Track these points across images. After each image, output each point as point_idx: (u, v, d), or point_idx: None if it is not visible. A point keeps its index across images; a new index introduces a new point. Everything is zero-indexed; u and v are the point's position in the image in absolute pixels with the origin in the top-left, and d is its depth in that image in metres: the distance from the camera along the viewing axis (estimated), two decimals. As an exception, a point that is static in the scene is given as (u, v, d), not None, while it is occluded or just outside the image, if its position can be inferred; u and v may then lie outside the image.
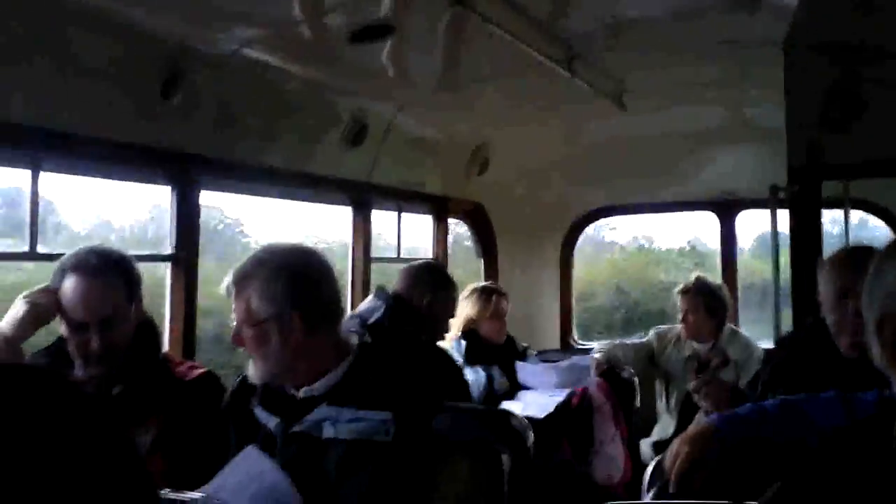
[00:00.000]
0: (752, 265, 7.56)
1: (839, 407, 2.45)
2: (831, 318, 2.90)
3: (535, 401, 4.75)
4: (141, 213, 5.18)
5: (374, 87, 4.46)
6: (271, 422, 2.47)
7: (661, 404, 5.45)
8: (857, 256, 2.99)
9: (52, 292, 2.76)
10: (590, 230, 7.20)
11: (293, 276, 2.43)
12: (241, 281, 2.44)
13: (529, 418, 4.14)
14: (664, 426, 5.30)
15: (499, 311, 5.21)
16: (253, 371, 2.47)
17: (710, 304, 5.26)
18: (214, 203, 5.86)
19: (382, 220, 5.45)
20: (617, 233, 9.09)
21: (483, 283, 5.49)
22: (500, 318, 5.21)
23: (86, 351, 2.73)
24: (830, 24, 3.94)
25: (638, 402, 5.54)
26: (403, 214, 5.60)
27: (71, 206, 4.58)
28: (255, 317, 2.41)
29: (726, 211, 6.46)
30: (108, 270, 2.76)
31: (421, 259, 5.05)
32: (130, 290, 2.82)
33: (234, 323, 2.47)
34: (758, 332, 5.74)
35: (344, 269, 4.95)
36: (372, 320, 3.82)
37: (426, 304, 4.05)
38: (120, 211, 5.18)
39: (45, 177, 3.25)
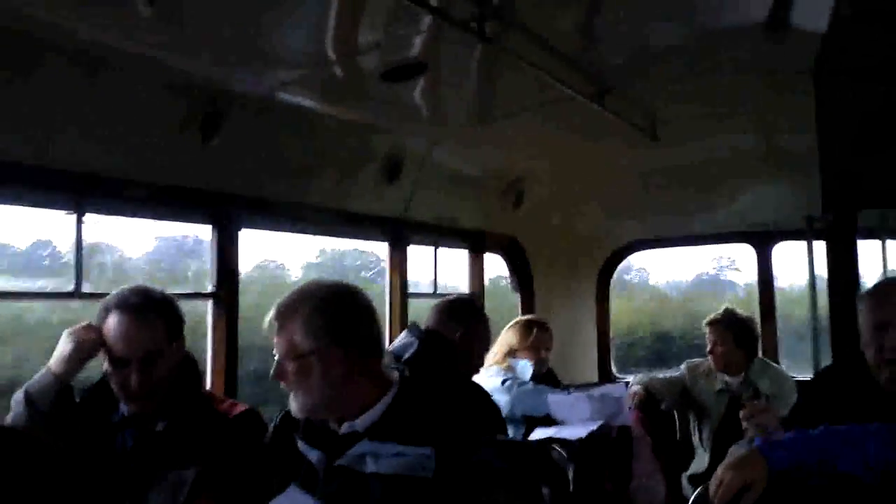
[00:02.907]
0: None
1: (889, 438, 2.42)
2: (869, 353, 2.86)
3: (567, 430, 4.73)
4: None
5: (408, 123, 4.52)
6: (314, 456, 2.50)
7: (694, 438, 5.40)
8: (893, 288, 2.96)
9: (95, 328, 2.82)
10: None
11: (335, 311, 2.47)
12: (285, 316, 2.48)
13: (569, 448, 4.13)
14: (699, 460, 5.25)
15: (538, 342, 5.23)
16: (294, 405, 2.50)
17: (738, 335, 5.21)
18: (368, 248, 5.92)
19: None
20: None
21: (527, 317, 5.54)
22: (537, 350, 5.21)
23: (126, 387, 2.78)
24: (861, 49, 3.94)
25: (677, 436, 5.52)
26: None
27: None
28: (298, 350, 2.44)
29: (762, 242, 6.39)
30: (150, 309, 2.83)
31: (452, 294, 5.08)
32: (171, 329, 2.88)
33: (276, 358, 2.50)
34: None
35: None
36: (406, 356, 3.83)
37: (458, 337, 4.05)
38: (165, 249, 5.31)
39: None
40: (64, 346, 2.82)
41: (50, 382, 2.80)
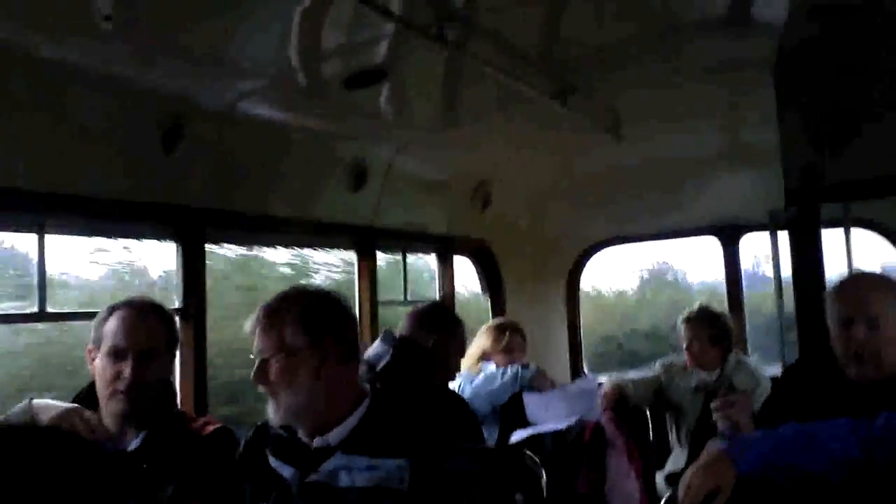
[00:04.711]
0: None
1: (851, 435, 2.45)
2: (837, 348, 2.88)
3: (544, 426, 4.75)
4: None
5: (372, 130, 4.50)
6: (286, 471, 2.47)
7: (672, 436, 5.40)
8: (858, 284, 3.00)
9: (99, 426, 2.75)
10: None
11: (327, 310, 2.49)
12: (277, 312, 2.46)
13: (543, 452, 4.13)
14: (676, 458, 5.23)
15: (511, 345, 5.25)
16: (275, 412, 2.46)
17: (713, 332, 5.22)
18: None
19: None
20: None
21: (499, 320, 5.55)
22: (511, 353, 5.22)
23: (117, 381, 2.76)
24: (819, 44, 3.97)
25: (651, 435, 5.52)
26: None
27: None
28: (289, 346, 2.41)
29: (728, 236, 6.44)
30: (154, 310, 2.88)
31: (425, 301, 5.06)
32: (169, 338, 2.91)
33: (257, 359, 2.45)
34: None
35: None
36: (381, 365, 3.80)
37: (432, 344, 4.04)
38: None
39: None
40: (62, 415, 2.74)
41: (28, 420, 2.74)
